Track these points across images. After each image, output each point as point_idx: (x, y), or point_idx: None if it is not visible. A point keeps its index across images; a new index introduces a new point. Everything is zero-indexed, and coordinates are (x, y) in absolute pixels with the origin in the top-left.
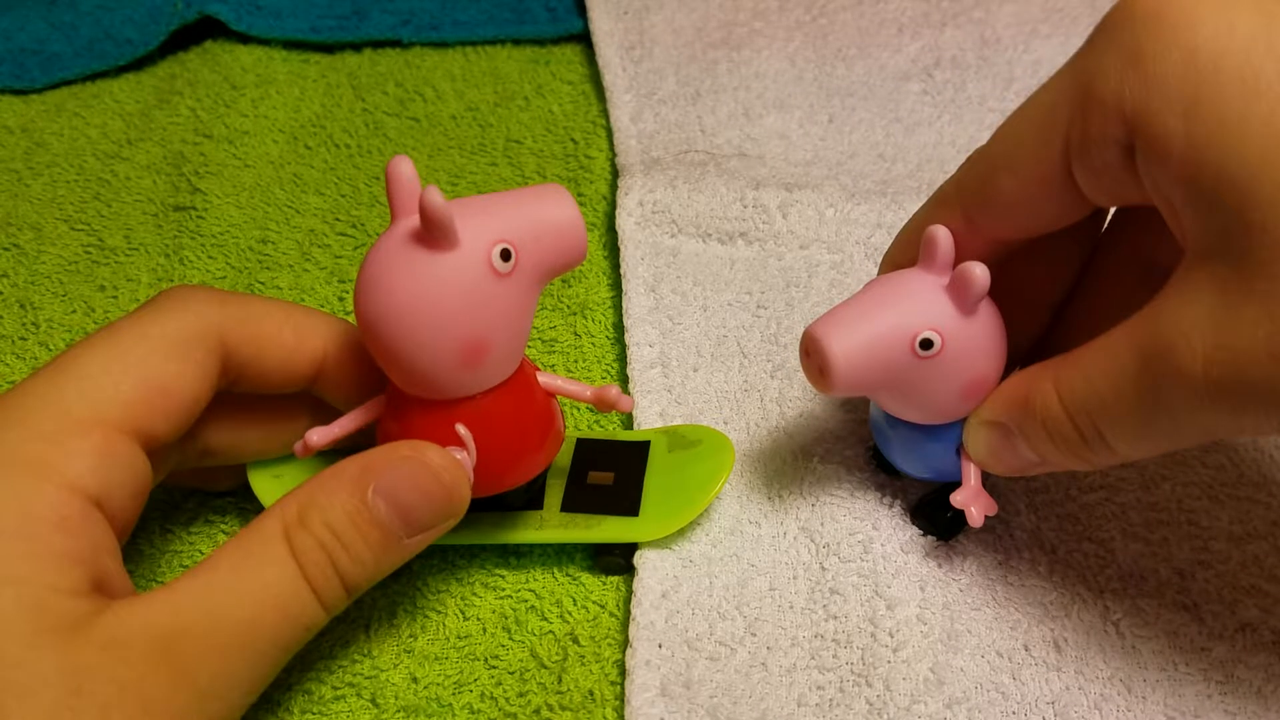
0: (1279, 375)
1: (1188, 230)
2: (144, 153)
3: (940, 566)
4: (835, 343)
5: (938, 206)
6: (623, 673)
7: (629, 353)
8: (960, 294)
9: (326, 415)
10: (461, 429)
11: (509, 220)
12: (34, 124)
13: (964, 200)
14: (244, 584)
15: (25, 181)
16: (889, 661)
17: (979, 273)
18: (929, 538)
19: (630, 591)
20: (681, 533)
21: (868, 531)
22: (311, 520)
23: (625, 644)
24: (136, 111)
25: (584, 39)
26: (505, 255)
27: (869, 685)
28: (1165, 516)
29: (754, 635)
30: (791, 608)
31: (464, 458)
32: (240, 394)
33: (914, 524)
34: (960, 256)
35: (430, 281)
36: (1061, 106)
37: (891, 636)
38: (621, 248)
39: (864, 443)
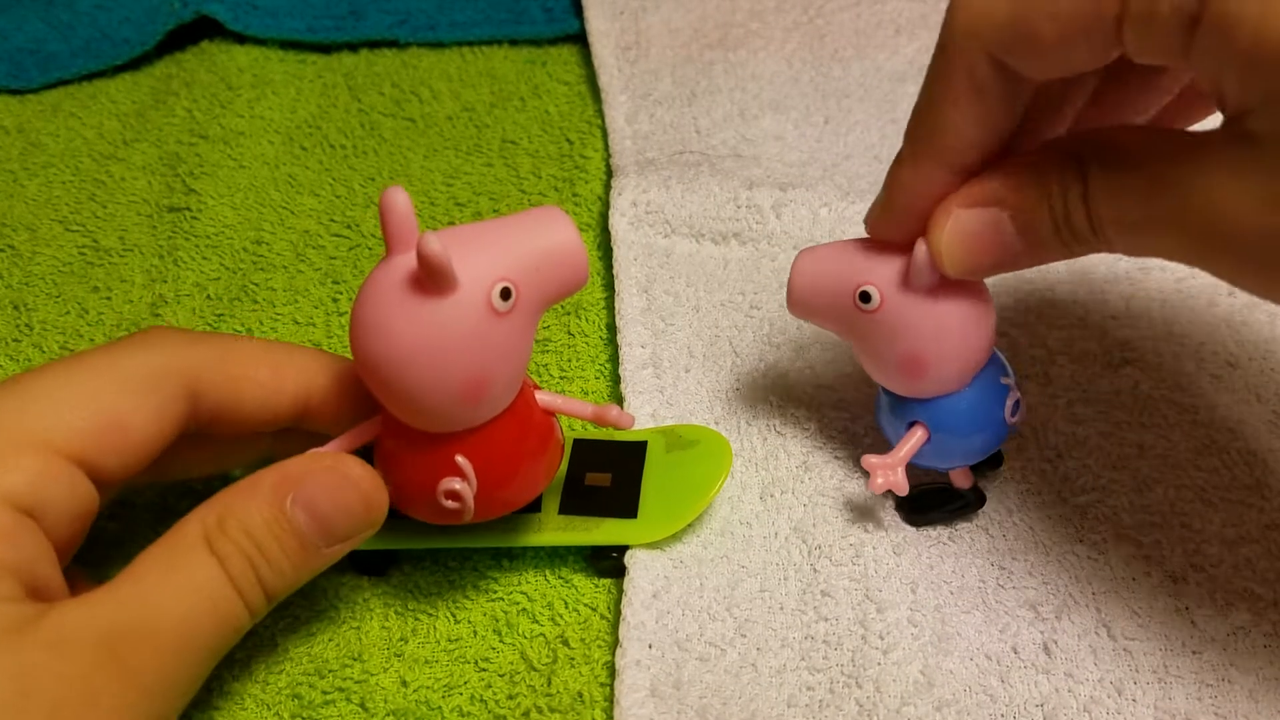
0: None
1: (1233, 105)
2: (139, 153)
3: (932, 569)
4: (800, 264)
5: (957, 58)
6: (612, 674)
7: (621, 353)
8: (911, 266)
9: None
10: (461, 460)
11: (507, 255)
12: (30, 124)
13: (993, 43)
14: (176, 586)
15: (20, 182)
16: (879, 663)
17: (919, 251)
18: (921, 539)
19: (621, 593)
20: (673, 533)
21: (859, 534)
22: (230, 527)
23: (615, 645)
24: (132, 112)
25: (581, 39)
26: (505, 294)
27: (859, 686)
28: (1158, 519)
29: (744, 636)
30: (782, 609)
31: (464, 487)
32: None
33: (896, 509)
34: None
35: (430, 326)
36: None
37: (882, 639)
38: (614, 248)
39: (856, 443)
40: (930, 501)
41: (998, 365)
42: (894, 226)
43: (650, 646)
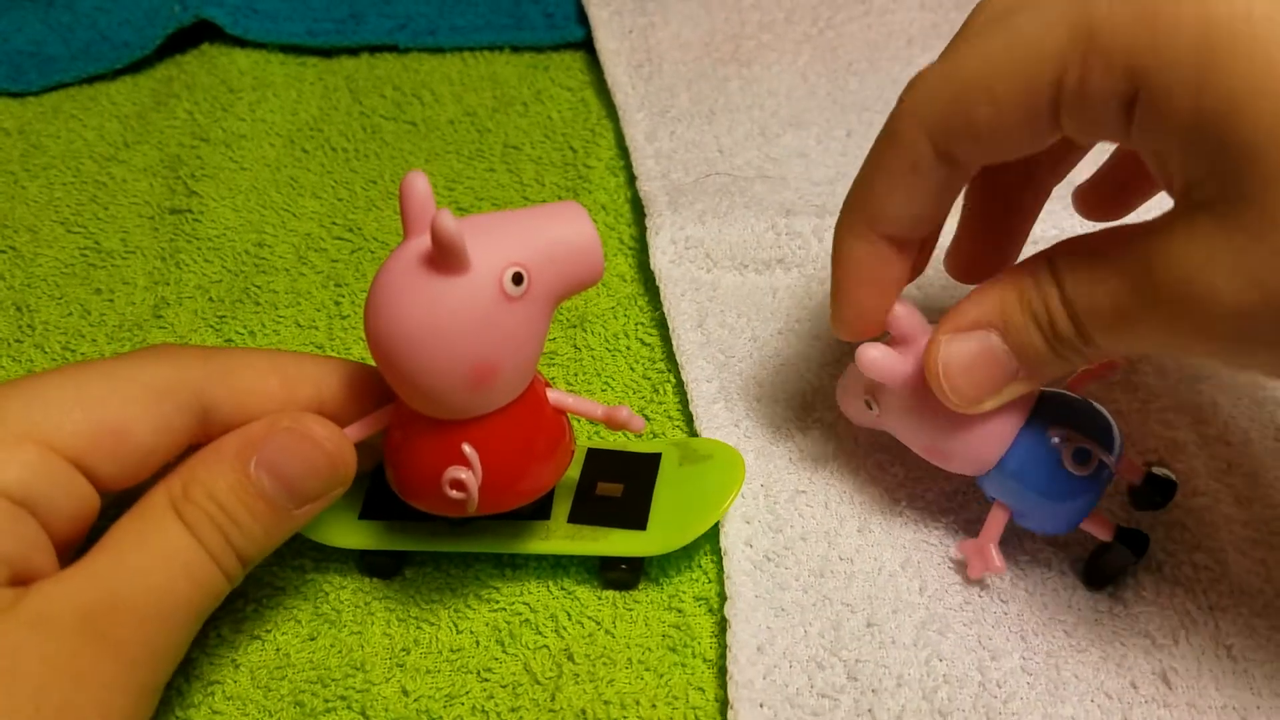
0: None
1: (1181, 179)
2: (140, 155)
3: (1045, 608)
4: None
5: (899, 137)
6: (618, 695)
7: (689, 390)
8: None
9: None
10: (468, 449)
11: (522, 242)
12: (30, 126)
13: (934, 126)
14: (152, 555)
15: (22, 184)
16: (1000, 713)
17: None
18: (1029, 574)
19: (626, 609)
20: (770, 578)
21: (964, 569)
22: (195, 494)
23: (725, 705)
24: (133, 114)
25: (583, 46)
26: (517, 279)
27: None
28: (1258, 536)
29: (855, 680)
30: (894, 643)
31: (469, 477)
32: None
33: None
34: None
35: (440, 306)
36: (1052, 48)
37: (1000, 687)
38: (660, 286)
39: (953, 478)
40: (1098, 566)
41: (1041, 422)
42: (853, 317)
43: (762, 706)
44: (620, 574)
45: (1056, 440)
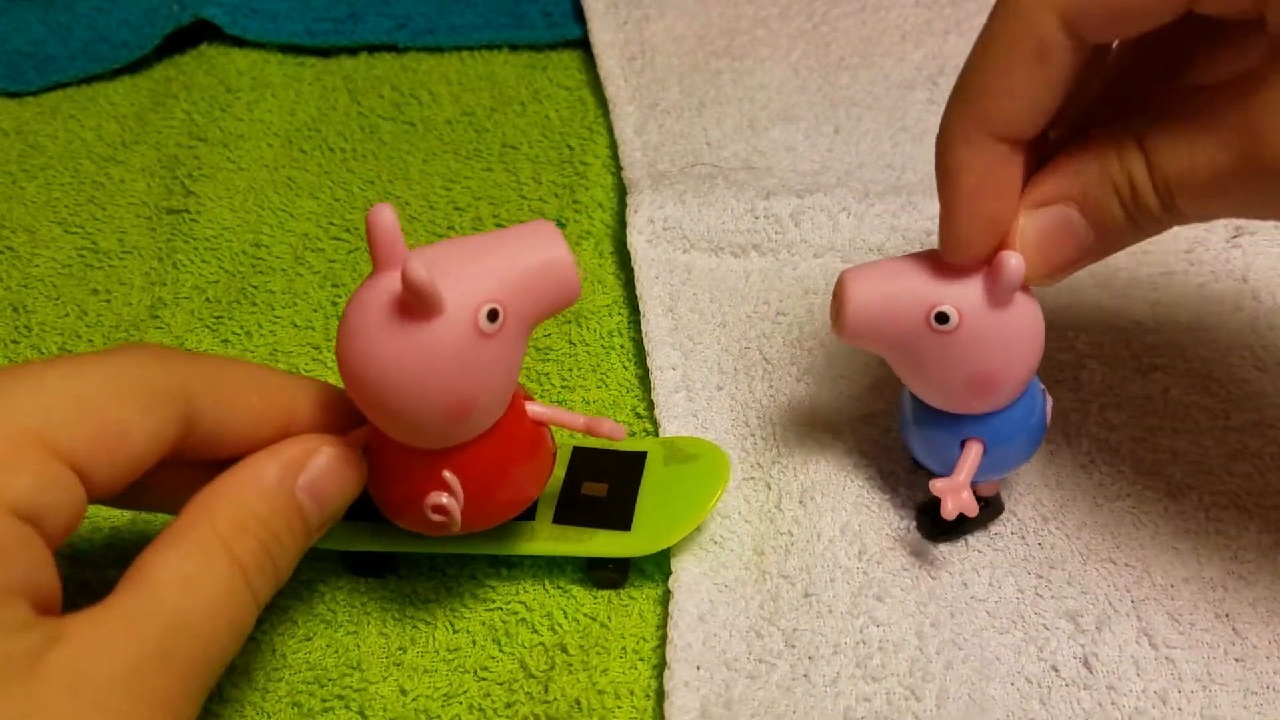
0: None
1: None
2: (139, 156)
3: (966, 587)
4: (855, 289)
5: (1023, 20)
6: (612, 684)
7: (652, 378)
8: (993, 281)
9: None
10: (448, 475)
11: (495, 275)
12: (29, 126)
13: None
14: (198, 603)
15: (19, 184)
16: (939, 677)
17: (1013, 263)
18: (957, 548)
19: (621, 605)
20: (714, 557)
21: (907, 537)
22: (250, 526)
23: (661, 667)
24: (131, 114)
25: (582, 45)
26: (493, 316)
27: (918, 700)
28: (1194, 526)
29: (793, 647)
30: (831, 612)
31: (450, 502)
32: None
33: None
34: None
35: (415, 349)
36: None
37: (939, 654)
38: (635, 268)
39: (899, 445)
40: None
41: None
42: (978, 234)
43: (699, 668)
44: (607, 574)
45: (1043, 386)
